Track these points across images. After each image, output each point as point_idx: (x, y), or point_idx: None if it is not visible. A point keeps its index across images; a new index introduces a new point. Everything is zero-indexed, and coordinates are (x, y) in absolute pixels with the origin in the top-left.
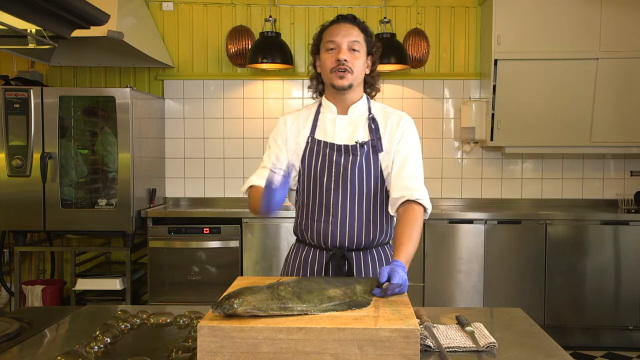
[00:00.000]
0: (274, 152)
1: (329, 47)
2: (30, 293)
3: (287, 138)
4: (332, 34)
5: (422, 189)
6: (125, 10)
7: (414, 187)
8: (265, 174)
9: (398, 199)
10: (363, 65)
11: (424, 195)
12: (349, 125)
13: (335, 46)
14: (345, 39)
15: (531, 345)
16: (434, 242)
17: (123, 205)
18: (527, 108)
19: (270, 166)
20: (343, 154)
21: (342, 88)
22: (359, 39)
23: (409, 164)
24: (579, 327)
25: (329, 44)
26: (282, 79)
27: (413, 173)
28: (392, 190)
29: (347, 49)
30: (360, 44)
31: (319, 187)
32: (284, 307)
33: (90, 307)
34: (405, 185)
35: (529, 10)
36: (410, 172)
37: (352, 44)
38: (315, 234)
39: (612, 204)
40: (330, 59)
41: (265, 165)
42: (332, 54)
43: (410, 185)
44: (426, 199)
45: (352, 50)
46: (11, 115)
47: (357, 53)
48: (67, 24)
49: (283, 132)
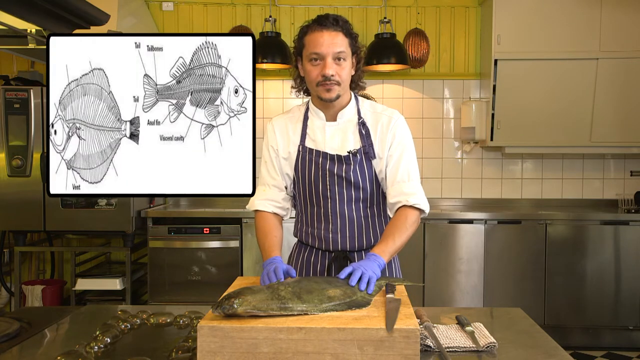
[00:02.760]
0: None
1: (312, 57)
2: (30, 293)
3: (278, 148)
4: (315, 44)
5: (418, 192)
6: (125, 10)
7: (409, 191)
8: (268, 194)
9: (395, 204)
10: (349, 71)
11: (419, 198)
12: (338, 132)
13: (320, 58)
14: (330, 49)
15: (531, 345)
16: (434, 242)
17: (123, 205)
18: (527, 108)
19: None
20: (336, 162)
21: (329, 100)
22: (344, 46)
23: (402, 168)
24: (579, 327)
25: (313, 55)
26: (282, 79)
27: (407, 176)
28: (388, 194)
29: (332, 60)
30: (345, 52)
31: (315, 196)
32: (284, 307)
33: (90, 307)
34: (401, 190)
35: (529, 10)
36: (405, 175)
37: (338, 54)
38: (316, 240)
39: (612, 204)
40: (315, 71)
41: (266, 182)
42: (317, 67)
43: (406, 190)
44: (422, 202)
45: (338, 59)
46: (11, 115)
47: (343, 62)
48: (67, 24)
49: (273, 143)
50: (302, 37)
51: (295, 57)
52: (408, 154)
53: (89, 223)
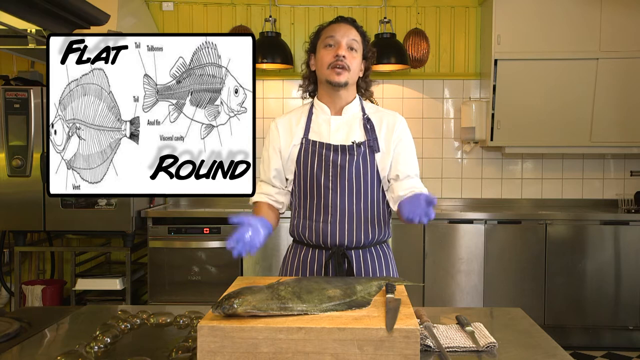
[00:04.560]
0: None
1: (327, 43)
2: (30, 293)
3: (281, 147)
4: (332, 30)
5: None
6: (125, 10)
7: (421, 187)
8: (263, 189)
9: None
10: (359, 67)
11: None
12: (344, 125)
13: (335, 42)
14: (344, 36)
15: (531, 345)
16: (434, 242)
17: (123, 205)
18: (527, 108)
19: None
20: (340, 153)
21: (338, 84)
22: (357, 39)
23: (412, 165)
24: (579, 327)
25: (329, 39)
26: (282, 79)
27: (416, 174)
28: (397, 188)
29: (346, 46)
30: (358, 44)
31: (316, 187)
32: (284, 307)
33: (90, 307)
34: (413, 185)
35: (529, 10)
36: (413, 172)
37: (351, 42)
38: (314, 234)
39: (612, 204)
40: (328, 54)
41: (263, 179)
42: (331, 50)
43: (418, 186)
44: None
45: (351, 49)
46: (11, 115)
47: (354, 52)
48: (67, 24)
49: (276, 142)
50: (319, 31)
51: (308, 55)
52: (414, 154)
53: (89, 223)
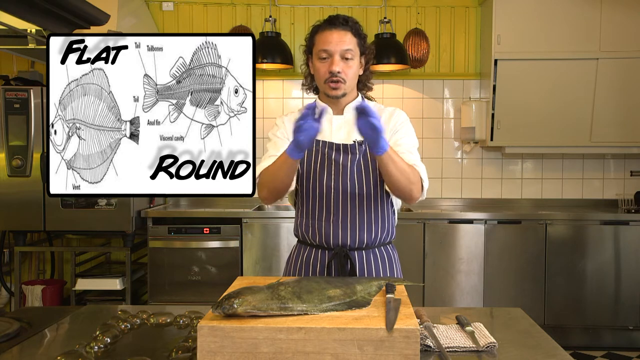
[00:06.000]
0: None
1: (321, 56)
2: (30, 293)
3: (288, 136)
4: (324, 41)
5: (420, 165)
6: (125, 10)
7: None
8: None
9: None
10: (356, 71)
11: (421, 169)
12: (345, 124)
13: (328, 55)
14: (337, 47)
15: (531, 345)
16: (434, 242)
17: (123, 205)
18: (527, 108)
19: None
20: (342, 152)
21: (335, 97)
22: (352, 45)
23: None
24: (579, 327)
25: (322, 52)
26: (282, 79)
27: (408, 149)
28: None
29: (340, 58)
30: (353, 51)
31: (318, 186)
32: (284, 307)
33: (90, 307)
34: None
35: (529, 10)
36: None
37: (345, 52)
38: (317, 234)
39: (612, 204)
40: (323, 69)
41: (272, 154)
42: (325, 64)
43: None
44: (424, 175)
45: (345, 59)
46: (11, 115)
47: (350, 61)
48: (67, 24)
49: (283, 130)
50: (313, 35)
51: (307, 55)
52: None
53: (89, 223)
